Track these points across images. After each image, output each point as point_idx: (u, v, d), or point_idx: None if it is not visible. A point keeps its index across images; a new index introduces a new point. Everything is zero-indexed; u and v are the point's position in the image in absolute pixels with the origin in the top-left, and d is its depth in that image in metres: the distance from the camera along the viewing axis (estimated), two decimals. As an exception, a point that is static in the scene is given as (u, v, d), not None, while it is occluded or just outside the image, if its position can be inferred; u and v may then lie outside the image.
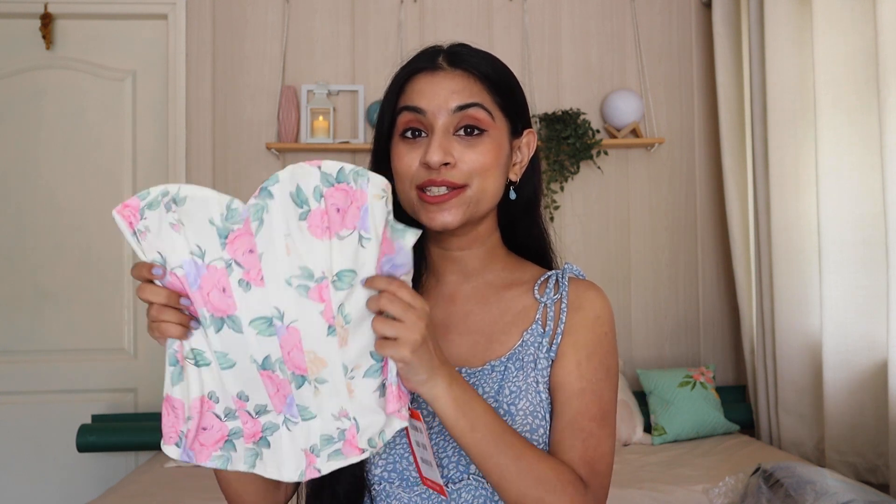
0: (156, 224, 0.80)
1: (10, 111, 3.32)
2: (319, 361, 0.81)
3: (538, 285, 0.99)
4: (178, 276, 0.80)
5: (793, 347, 2.81)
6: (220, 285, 0.80)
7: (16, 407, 3.25)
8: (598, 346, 0.95)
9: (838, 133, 2.57)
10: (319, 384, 0.83)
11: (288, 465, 0.85)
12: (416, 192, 0.92)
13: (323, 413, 0.84)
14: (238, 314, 0.80)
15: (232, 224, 0.79)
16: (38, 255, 3.30)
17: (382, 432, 0.84)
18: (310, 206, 0.78)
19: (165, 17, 3.31)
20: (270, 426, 0.85)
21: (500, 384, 0.92)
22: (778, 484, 2.10)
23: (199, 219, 0.80)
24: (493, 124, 0.94)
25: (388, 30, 3.35)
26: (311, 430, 0.84)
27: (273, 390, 0.83)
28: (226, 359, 0.82)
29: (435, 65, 0.94)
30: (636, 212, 3.40)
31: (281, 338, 0.81)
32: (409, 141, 0.93)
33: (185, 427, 0.83)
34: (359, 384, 0.83)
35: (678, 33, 3.44)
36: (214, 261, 0.80)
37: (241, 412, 0.85)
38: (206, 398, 0.83)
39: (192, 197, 0.79)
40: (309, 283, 0.79)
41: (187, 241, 0.80)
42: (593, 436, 0.90)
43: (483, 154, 0.92)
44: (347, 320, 0.80)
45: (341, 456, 0.84)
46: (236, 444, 0.85)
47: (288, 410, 0.84)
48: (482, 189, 0.93)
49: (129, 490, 2.40)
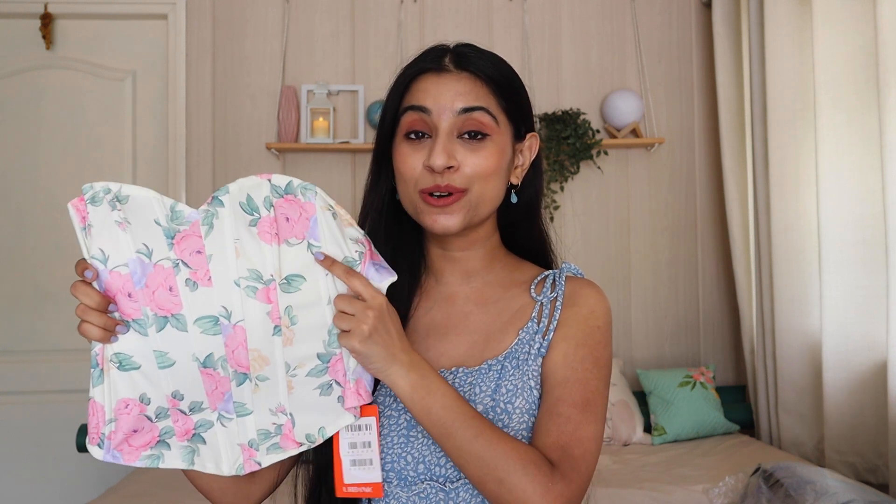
0: (100, 221, 0.81)
1: (10, 111, 3.32)
2: (263, 359, 0.85)
3: (535, 284, 1.00)
4: (122, 273, 0.82)
5: (793, 347, 2.81)
6: (166, 284, 0.83)
7: (16, 407, 3.25)
8: (588, 337, 0.94)
9: (838, 133, 2.57)
10: (260, 381, 0.87)
11: (225, 459, 0.89)
12: (420, 196, 0.92)
13: (259, 409, 0.88)
14: (184, 313, 0.83)
15: (178, 225, 0.82)
16: (38, 255, 3.30)
17: (322, 428, 0.88)
18: (260, 213, 0.82)
19: (165, 17, 3.31)
20: (204, 423, 0.88)
21: (498, 383, 0.92)
22: (778, 484, 2.10)
23: (145, 218, 0.82)
24: (496, 129, 0.94)
25: (388, 30, 3.35)
26: (246, 426, 0.88)
27: (211, 387, 0.86)
28: (165, 358, 0.84)
29: (441, 65, 0.94)
30: (636, 212, 3.40)
31: (227, 336, 0.84)
32: (413, 142, 0.93)
33: (106, 429, 0.85)
34: (300, 382, 0.87)
35: (678, 33, 3.44)
36: (161, 260, 0.83)
37: (172, 411, 0.87)
38: (138, 401, 0.85)
39: (134, 197, 0.81)
40: (257, 284, 0.83)
41: (133, 240, 0.82)
42: (571, 421, 0.89)
43: (485, 159, 0.92)
44: (294, 321, 0.84)
45: (280, 449, 0.89)
46: (169, 442, 0.88)
47: (223, 407, 0.87)
48: (482, 194, 0.93)
49: (129, 490, 2.40)
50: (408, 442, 0.92)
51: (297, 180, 0.82)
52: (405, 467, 0.92)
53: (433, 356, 0.97)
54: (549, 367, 0.93)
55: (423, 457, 0.91)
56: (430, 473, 0.91)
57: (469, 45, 0.98)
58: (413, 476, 0.92)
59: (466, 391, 0.92)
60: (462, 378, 0.93)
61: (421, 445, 0.91)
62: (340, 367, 0.86)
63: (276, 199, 0.82)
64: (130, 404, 0.85)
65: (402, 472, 0.92)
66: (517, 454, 0.84)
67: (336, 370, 0.86)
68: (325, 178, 3.26)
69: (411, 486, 0.92)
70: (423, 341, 0.98)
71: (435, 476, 0.91)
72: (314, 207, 0.82)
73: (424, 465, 0.91)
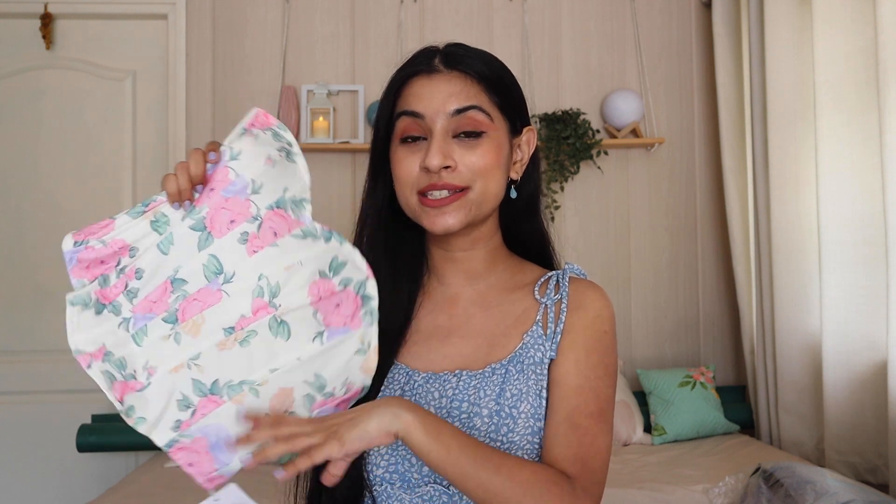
0: (264, 141, 0.85)
1: (10, 111, 3.32)
2: (196, 329, 0.85)
3: (538, 286, 0.99)
4: (228, 175, 0.84)
5: (793, 347, 2.81)
6: (234, 216, 0.84)
7: (16, 407, 3.25)
8: (597, 343, 0.94)
9: (838, 133, 2.57)
10: (174, 340, 0.86)
11: (84, 338, 0.91)
12: (418, 197, 0.92)
13: (145, 352, 0.86)
14: (215, 241, 0.85)
15: (290, 209, 0.85)
16: (38, 255, 3.30)
17: (143, 419, 0.86)
18: (331, 278, 0.86)
19: (165, 17, 3.31)
20: (116, 308, 0.88)
21: (502, 387, 0.91)
22: (778, 484, 2.10)
23: (282, 179, 0.85)
24: (491, 125, 0.93)
25: (388, 30, 3.35)
26: (125, 348, 0.87)
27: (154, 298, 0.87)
28: (167, 246, 0.86)
29: (431, 67, 0.94)
30: (636, 212, 3.40)
31: (206, 287, 0.85)
32: (409, 145, 0.93)
33: (94, 242, 0.86)
34: (183, 376, 0.86)
35: (678, 33, 3.44)
36: (254, 203, 0.84)
37: (123, 277, 0.87)
38: (128, 249, 0.86)
39: (298, 165, 0.86)
40: (266, 296, 0.85)
41: (261, 173, 0.84)
42: (589, 433, 0.89)
43: (483, 156, 0.92)
44: (243, 344, 0.85)
45: (109, 382, 0.88)
46: (98, 284, 0.88)
47: (138, 319, 0.87)
48: (484, 191, 0.93)
49: (129, 490, 2.40)
50: None
51: (374, 298, 0.86)
52: (409, 469, 0.91)
53: (436, 358, 0.96)
54: (561, 374, 0.92)
55: None
56: (434, 476, 0.90)
57: (458, 44, 0.97)
58: (416, 478, 0.91)
59: (470, 394, 0.91)
60: (466, 381, 0.92)
61: None
62: (209, 408, 0.85)
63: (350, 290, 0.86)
64: (124, 248, 0.86)
65: (406, 474, 0.91)
66: (537, 477, 0.83)
67: (205, 406, 0.85)
68: (325, 177, 3.26)
69: (415, 488, 0.91)
70: (426, 343, 0.98)
71: (439, 479, 0.90)
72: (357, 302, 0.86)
73: (428, 468, 0.90)
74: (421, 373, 0.95)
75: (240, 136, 0.85)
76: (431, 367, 0.96)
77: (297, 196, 0.85)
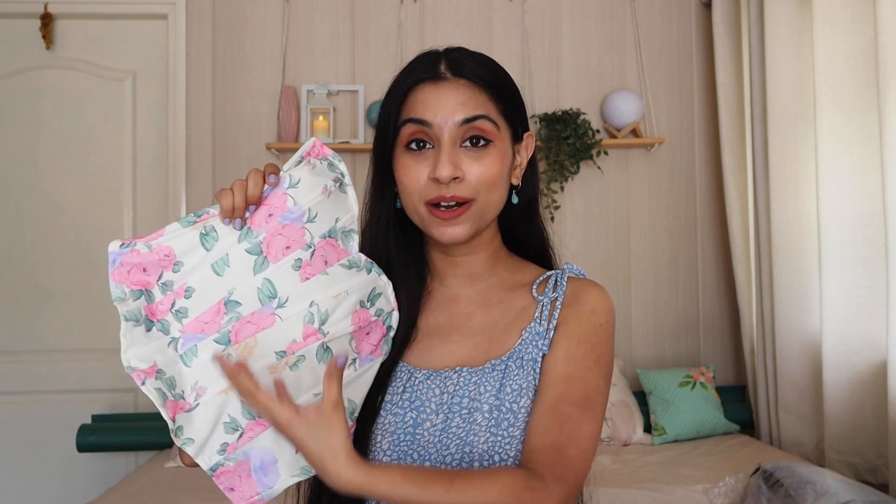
0: (321, 172, 0.88)
1: (10, 111, 3.32)
2: (248, 351, 0.85)
3: (537, 285, 1.00)
4: (286, 202, 0.86)
5: (793, 347, 2.81)
6: (290, 242, 0.86)
7: (16, 407, 3.25)
8: (590, 334, 0.94)
9: (838, 133, 2.57)
10: None
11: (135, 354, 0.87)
12: (427, 208, 0.92)
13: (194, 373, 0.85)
14: (270, 266, 0.86)
15: (340, 239, 0.89)
16: (38, 255, 3.30)
17: (190, 440, 0.85)
18: (370, 309, 0.92)
19: (165, 17, 3.31)
20: (164, 326, 0.86)
21: (502, 382, 0.93)
22: (778, 484, 2.10)
23: (334, 210, 0.88)
24: (497, 134, 0.94)
25: (388, 30, 3.35)
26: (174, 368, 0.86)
27: (206, 319, 0.86)
28: (222, 267, 0.85)
29: (437, 74, 0.93)
30: (636, 212, 3.40)
31: (260, 311, 0.85)
32: (415, 153, 0.93)
33: (141, 246, 0.84)
34: (234, 399, 0.85)
35: (678, 33, 3.44)
36: (309, 231, 0.87)
37: (171, 295, 0.86)
38: (174, 262, 0.85)
39: (348, 197, 0.90)
40: (316, 322, 0.87)
41: (318, 203, 0.87)
42: (571, 419, 0.87)
43: (490, 166, 0.92)
44: (293, 368, 0.85)
45: (162, 400, 0.86)
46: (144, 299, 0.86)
47: (187, 339, 0.86)
48: (488, 201, 0.94)
49: (129, 490, 2.40)
50: (413, 440, 0.92)
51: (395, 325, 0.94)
52: (410, 465, 0.92)
53: (437, 356, 0.97)
54: (550, 363, 0.93)
55: (428, 454, 0.91)
56: None
57: (460, 48, 0.97)
58: None
59: (471, 390, 0.93)
60: (466, 377, 0.94)
61: (426, 443, 0.92)
62: (255, 433, 0.85)
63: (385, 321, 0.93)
64: (171, 257, 0.85)
65: None
66: (502, 485, 0.79)
67: (252, 430, 0.85)
68: (325, 178, 3.26)
69: None
70: (427, 341, 0.99)
71: None
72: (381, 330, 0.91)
73: (430, 464, 0.91)
74: (422, 370, 0.96)
75: (297, 163, 0.87)
76: (432, 365, 0.97)
77: (347, 227, 0.90)
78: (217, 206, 0.85)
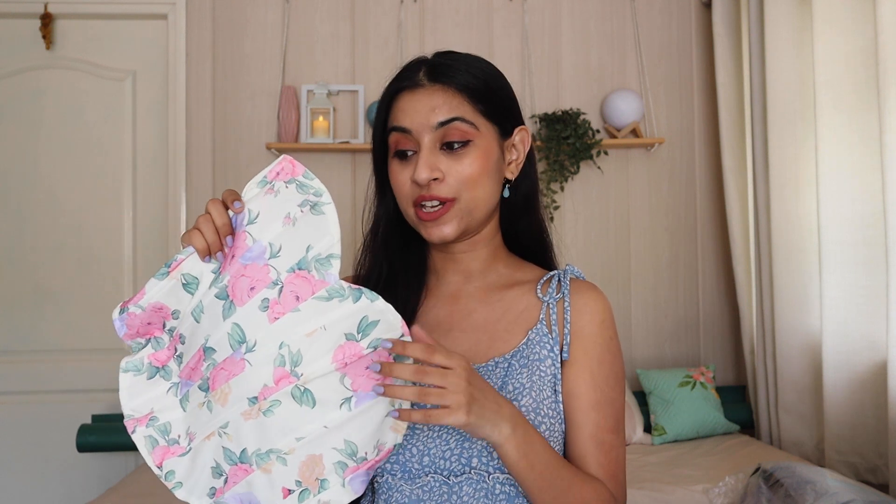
0: (284, 198, 0.84)
1: (10, 111, 3.32)
2: (224, 398, 0.84)
3: (541, 285, 1.01)
4: (244, 240, 0.83)
5: (793, 347, 2.81)
6: (254, 283, 0.83)
7: (16, 407, 3.25)
8: (606, 351, 0.97)
9: (838, 133, 2.57)
10: (207, 407, 0.86)
11: (138, 401, 0.89)
12: (414, 210, 0.96)
13: (188, 418, 0.87)
14: (237, 309, 0.84)
15: (314, 268, 0.83)
16: (38, 255, 3.30)
17: (180, 484, 0.87)
18: (359, 340, 0.84)
19: (165, 17, 3.31)
20: (167, 373, 0.88)
21: (504, 380, 0.94)
22: (778, 484, 2.10)
23: (306, 236, 0.83)
24: (477, 133, 0.96)
25: (388, 30, 3.35)
26: (171, 412, 0.88)
27: (192, 365, 0.87)
28: (199, 315, 0.86)
29: (415, 82, 0.97)
30: (636, 212, 3.40)
31: (230, 357, 0.84)
32: (401, 160, 0.97)
33: (133, 308, 0.86)
34: (215, 444, 0.86)
35: (678, 33, 3.44)
36: (273, 267, 0.83)
37: (173, 342, 0.88)
38: (171, 311, 0.86)
39: (326, 217, 0.84)
40: (287, 364, 0.83)
41: (280, 235, 0.83)
42: (614, 448, 0.95)
43: (469, 165, 0.95)
44: (267, 413, 0.84)
45: (151, 447, 0.88)
46: (152, 345, 0.89)
47: (182, 384, 0.88)
48: (472, 199, 0.96)
49: (129, 490, 2.40)
50: (413, 434, 0.93)
51: None
52: (409, 459, 0.93)
53: None
54: (578, 385, 0.96)
55: (427, 449, 0.92)
56: (435, 466, 0.92)
57: (447, 53, 1.00)
58: (417, 469, 0.92)
59: None
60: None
61: (426, 438, 0.92)
62: (239, 477, 0.85)
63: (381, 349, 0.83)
64: (164, 309, 0.86)
65: (407, 464, 0.93)
66: (597, 495, 0.91)
67: (236, 474, 0.85)
68: (326, 178, 3.26)
69: (415, 478, 0.93)
70: None
71: (439, 469, 0.92)
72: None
73: (429, 458, 0.92)
74: None
75: (260, 188, 0.83)
76: None
77: (323, 253, 0.83)
78: (186, 250, 0.85)
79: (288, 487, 0.83)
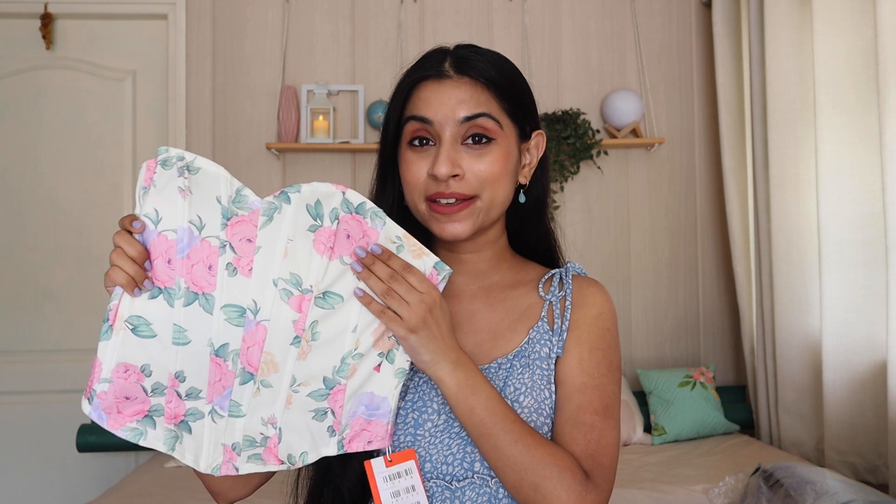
0: (163, 183, 0.82)
1: (10, 111, 3.32)
2: (273, 365, 0.85)
3: (542, 283, 1.00)
4: (168, 238, 0.82)
5: (793, 347, 2.81)
6: (207, 261, 0.83)
7: (16, 407, 3.25)
8: (600, 341, 0.95)
9: (838, 133, 2.57)
10: (263, 387, 0.86)
11: (205, 455, 0.87)
12: (427, 204, 0.93)
13: (253, 414, 0.86)
14: (215, 295, 0.83)
15: (238, 208, 0.83)
16: (38, 255, 3.30)
17: (305, 453, 0.86)
18: (323, 222, 0.82)
19: (165, 17, 3.31)
20: (195, 413, 0.86)
21: (505, 381, 0.93)
22: (778, 484, 2.10)
23: (208, 192, 0.83)
24: (500, 132, 0.93)
25: (388, 30, 3.35)
26: (234, 428, 0.87)
27: (216, 378, 0.85)
28: (182, 335, 0.84)
29: (441, 72, 0.93)
30: (636, 212, 3.40)
31: (247, 331, 0.84)
32: (417, 149, 0.93)
33: (99, 387, 0.83)
34: (299, 400, 0.86)
35: (678, 33, 3.44)
36: (211, 237, 0.83)
37: (169, 390, 0.85)
38: (139, 369, 0.84)
39: (205, 170, 0.83)
40: (294, 290, 0.83)
41: (190, 209, 0.82)
42: (595, 429, 0.90)
43: (491, 164, 0.92)
44: (315, 337, 0.84)
45: (260, 461, 0.87)
46: (156, 421, 0.86)
47: (219, 402, 0.86)
48: (492, 199, 0.93)
49: (129, 490, 2.40)
50: (415, 440, 0.92)
51: (370, 203, 0.83)
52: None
53: None
54: (566, 372, 0.93)
55: (429, 455, 0.91)
56: (437, 472, 0.91)
57: (469, 46, 0.97)
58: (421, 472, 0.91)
59: None
60: (475, 366, 0.93)
61: (428, 444, 0.92)
62: (340, 398, 0.86)
63: (343, 214, 0.83)
64: (130, 370, 0.83)
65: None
66: (554, 460, 0.86)
67: (336, 400, 0.86)
68: (325, 178, 3.26)
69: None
70: None
71: (441, 475, 0.91)
72: (377, 235, 0.83)
73: (431, 464, 0.91)
74: None
75: (144, 196, 0.82)
76: None
77: (232, 193, 0.84)
78: (115, 293, 0.83)
79: (377, 364, 0.86)
